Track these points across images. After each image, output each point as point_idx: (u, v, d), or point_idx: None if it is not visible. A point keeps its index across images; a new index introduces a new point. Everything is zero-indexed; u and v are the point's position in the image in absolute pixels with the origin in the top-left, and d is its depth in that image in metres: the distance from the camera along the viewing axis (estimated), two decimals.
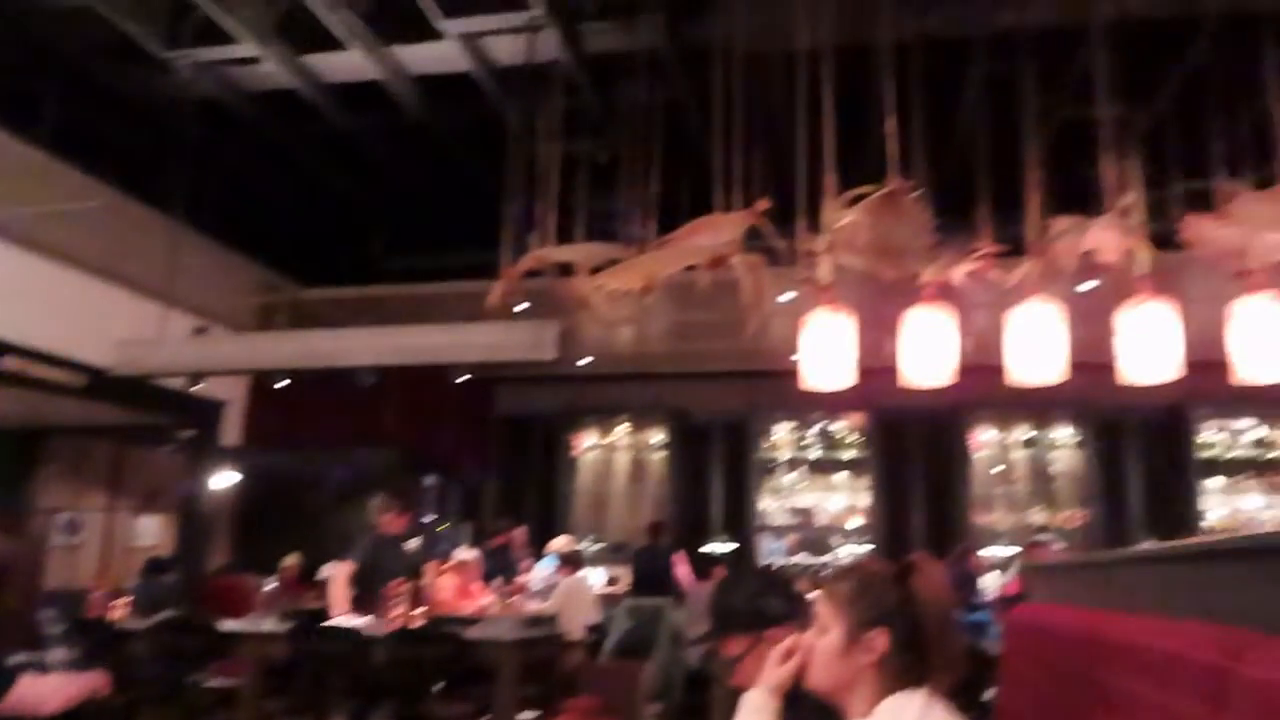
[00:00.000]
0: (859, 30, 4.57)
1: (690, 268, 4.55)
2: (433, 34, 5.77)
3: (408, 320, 7.79)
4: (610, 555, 9.16)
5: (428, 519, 8.79)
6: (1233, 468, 8.89)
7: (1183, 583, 1.73)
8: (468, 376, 7.71)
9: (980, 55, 4.97)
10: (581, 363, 8.41)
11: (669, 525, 8.10)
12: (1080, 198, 4.81)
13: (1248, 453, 8.89)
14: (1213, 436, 8.87)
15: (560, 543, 7.35)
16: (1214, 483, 8.85)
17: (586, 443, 9.82)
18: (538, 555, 7.71)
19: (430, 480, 9.22)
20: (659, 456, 9.64)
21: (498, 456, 9.72)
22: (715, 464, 9.47)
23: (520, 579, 7.17)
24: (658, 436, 9.67)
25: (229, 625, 5.43)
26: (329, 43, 5.99)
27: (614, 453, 9.82)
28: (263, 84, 6.76)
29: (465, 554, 6.61)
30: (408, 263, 10.03)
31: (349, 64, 6.25)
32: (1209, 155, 4.81)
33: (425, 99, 6.80)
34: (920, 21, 4.64)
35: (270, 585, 7.21)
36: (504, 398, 9.79)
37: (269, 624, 5.41)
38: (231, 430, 9.11)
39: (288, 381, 8.18)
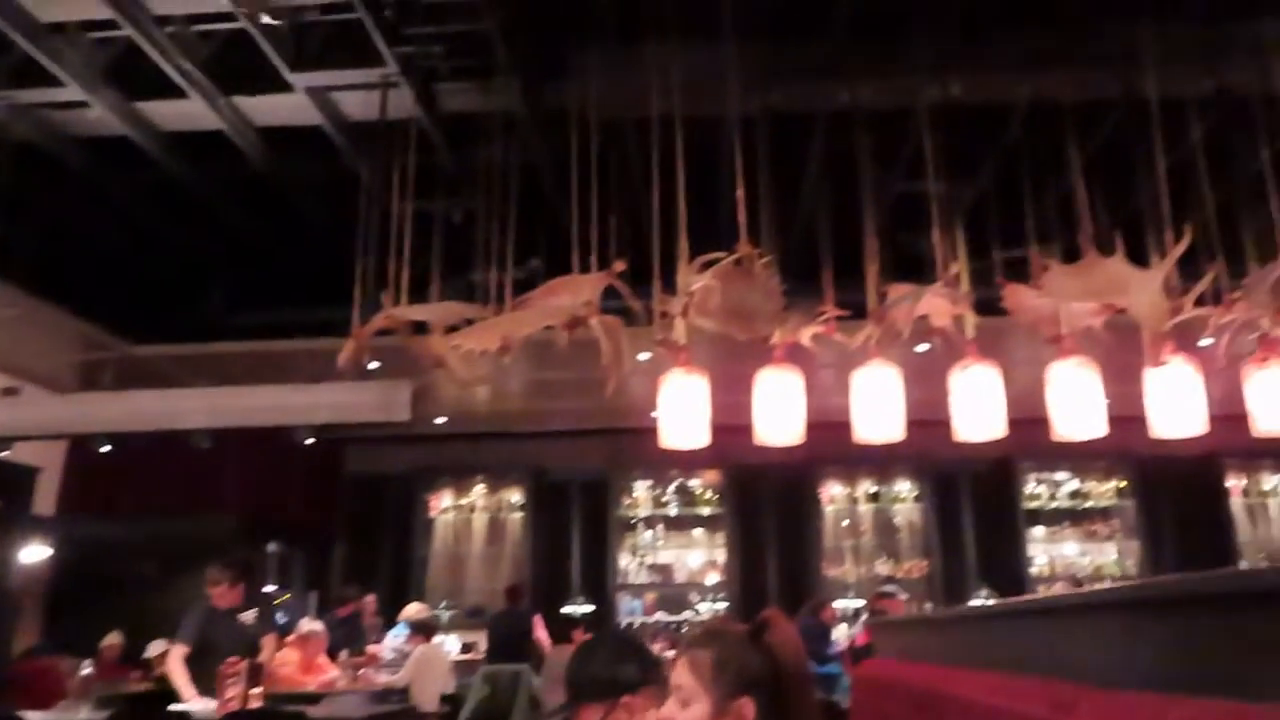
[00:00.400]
0: (708, 102, 4.75)
1: (548, 327, 4.58)
2: (281, 86, 5.66)
3: (250, 379, 7.49)
4: (467, 620, 8.96)
5: (269, 588, 8.39)
6: (1053, 518, 9.49)
7: (1019, 639, 1.82)
8: (312, 440, 7.44)
9: (821, 131, 5.23)
10: (438, 421, 8.27)
11: (527, 588, 8.01)
12: (915, 266, 5.11)
13: (1066, 504, 9.51)
14: (1036, 489, 9.46)
15: (412, 610, 7.15)
16: (1037, 532, 9.41)
17: (442, 503, 9.63)
18: (389, 623, 7.47)
19: (273, 547, 8.82)
20: (517, 516, 9.54)
21: (347, 520, 9.41)
22: (574, 523, 9.46)
23: (370, 649, 6.91)
24: (516, 496, 9.58)
25: (36, 717, 4.96)
26: (167, 90, 5.78)
27: (471, 514, 9.67)
28: (91, 129, 6.43)
29: (310, 625, 6.34)
30: (251, 319, 9.67)
31: (188, 112, 6.03)
32: (1024, 228, 5.20)
33: (272, 150, 6.63)
34: (764, 97, 4.85)
35: (86, 669, 6.68)
36: (355, 458, 9.52)
37: (84, 712, 4.99)
38: (45, 499, 8.48)
39: (109, 447, 7.68)
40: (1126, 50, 4.69)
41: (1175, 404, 4.89)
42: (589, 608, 8.85)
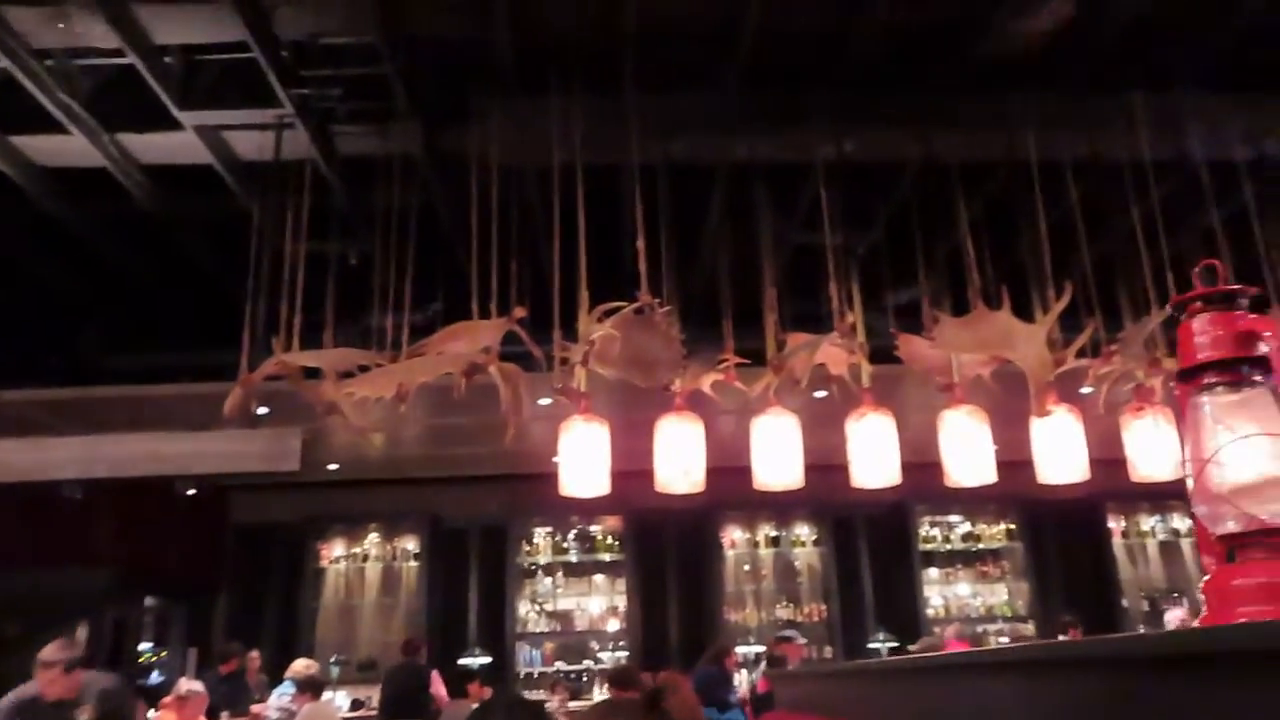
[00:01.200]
0: (609, 151, 4.77)
1: (446, 373, 4.49)
2: (170, 123, 5.46)
3: (128, 425, 7.12)
4: (359, 675, 8.64)
5: (144, 645, 7.95)
6: (947, 560, 9.71)
7: (914, 695, 1.83)
8: (193, 491, 7.10)
9: (721, 182, 5.30)
10: (330, 467, 8.01)
11: (423, 640, 7.77)
12: (814, 315, 5.19)
13: (959, 546, 9.75)
14: (930, 531, 9.67)
15: (299, 666, 6.84)
16: (932, 573, 9.61)
17: (334, 553, 9.31)
18: (275, 681, 7.14)
19: (150, 601, 8.37)
20: (413, 565, 9.29)
21: (232, 571, 9.00)
22: (472, 571, 9.26)
23: (254, 709, 6.59)
24: (411, 544, 9.33)
25: None
26: (46, 124, 5.52)
27: (364, 563, 9.37)
28: None
29: (189, 684, 6.01)
30: (128, 362, 9.23)
31: (67, 148, 5.77)
32: (917, 281, 5.35)
33: (159, 189, 6.38)
34: (665, 148, 4.90)
35: None
36: (241, 506, 9.14)
37: None
38: None
39: None
40: (1010, 115, 4.89)
41: (1059, 451, 5.06)
42: (486, 659, 8.64)
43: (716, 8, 4.37)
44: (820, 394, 6.03)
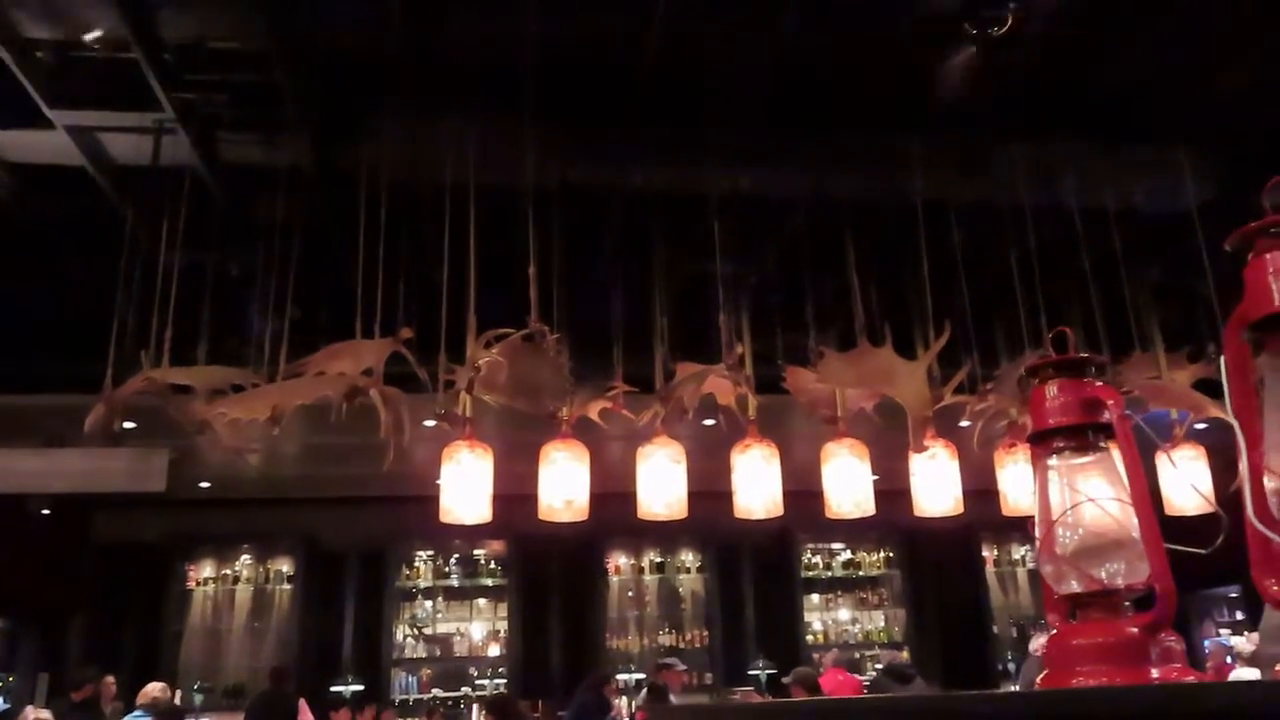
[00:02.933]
0: (504, 174, 4.73)
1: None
2: (41, 122, 5.19)
3: None
4: (224, 703, 8.27)
5: None
6: (828, 586, 9.89)
7: None
8: (47, 511, 6.70)
9: (616, 211, 5.31)
10: (202, 485, 7.69)
11: (294, 667, 7.48)
12: (704, 345, 5.24)
13: (840, 573, 9.95)
14: (812, 559, 9.84)
15: (152, 691, 6.47)
16: (813, 600, 9.77)
17: (203, 574, 8.92)
18: (130, 707, 6.77)
19: None
20: (286, 589, 8.97)
21: (90, 593, 8.52)
22: (349, 595, 8.98)
23: None
24: (285, 566, 9.01)
25: None
26: None
27: (234, 585, 9.00)
28: None
29: (37, 713, 5.66)
30: None
31: None
32: (806, 314, 5.45)
33: (24, 188, 6.05)
34: (561, 173, 4.88)
35: None
36: (104, 524, 8.67)
37: None
38: None
39: None
40: (899, 157, 5.04)
41: (935, 483, 5.22)
42: (359, 687, 8.38)
43: (618, 37, 4.39)
44: (709, 423, 6.09)
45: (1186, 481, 4.98)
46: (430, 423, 5.50)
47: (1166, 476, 5.29)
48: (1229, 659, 8.24)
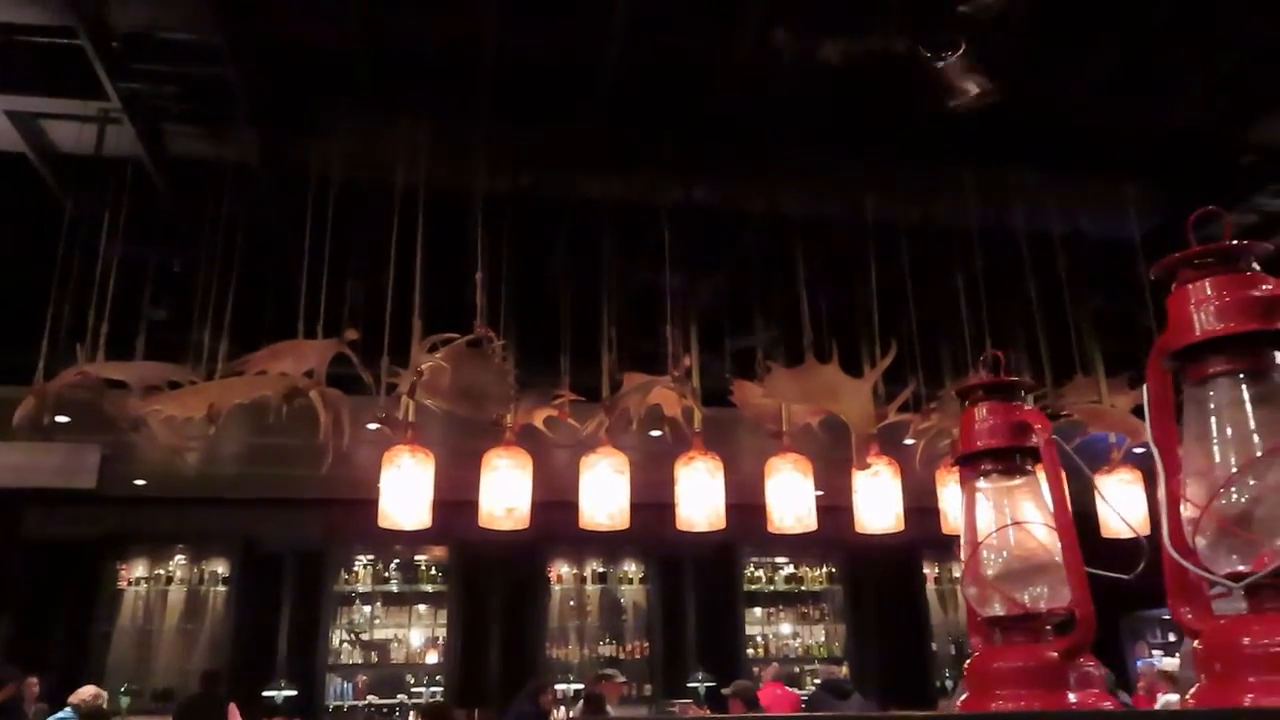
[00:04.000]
0: (455, 177, 4.69)
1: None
2: None
3: None
4: (153, 705, 8.08)
5: None
6: (770, 600, 9.93)
7: None
8: None
9: (568, 218, 5.29)
10: (137, 483, 7.51)
11: (226, 671, 7.33)
12: (653, 356, 5.23)
13: (783, 587, 9.99)
14: (756, 572, 9.87)
15: (85, 694, 6.33)
16: (756, 613, 9.80)
17: (135, 574, 8.71)
18: (54, 709, 6.58)
19: None
20: (221, 590, 8.78)
21: (16, 590, 8.27)
22: (285, 598, 8.81)
23: None
24: (221, 568, 8.83)
25: None
26: None
27: (168, 586, 8.79)
28: None
29: None
30: None
31: None
32: (754, 328, 5.48)
33: None
34: (514, 179, 4.86)
35: None
36: (34, 520, 8.43)
37: None
38: None
39: None
40: (852, 176, 5.09)
41: (878, 501, 5.26)
42: (292, 692, 8.23)
43: (577, 44, 4.38)
44: (655, 434, 6.08)
45: (1114, 506, 5.07)
46: (373, 426, 5.42)
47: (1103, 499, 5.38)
48: (1159, 680, 8.41)
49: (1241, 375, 0.74)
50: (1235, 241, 0.74)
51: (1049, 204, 5.47)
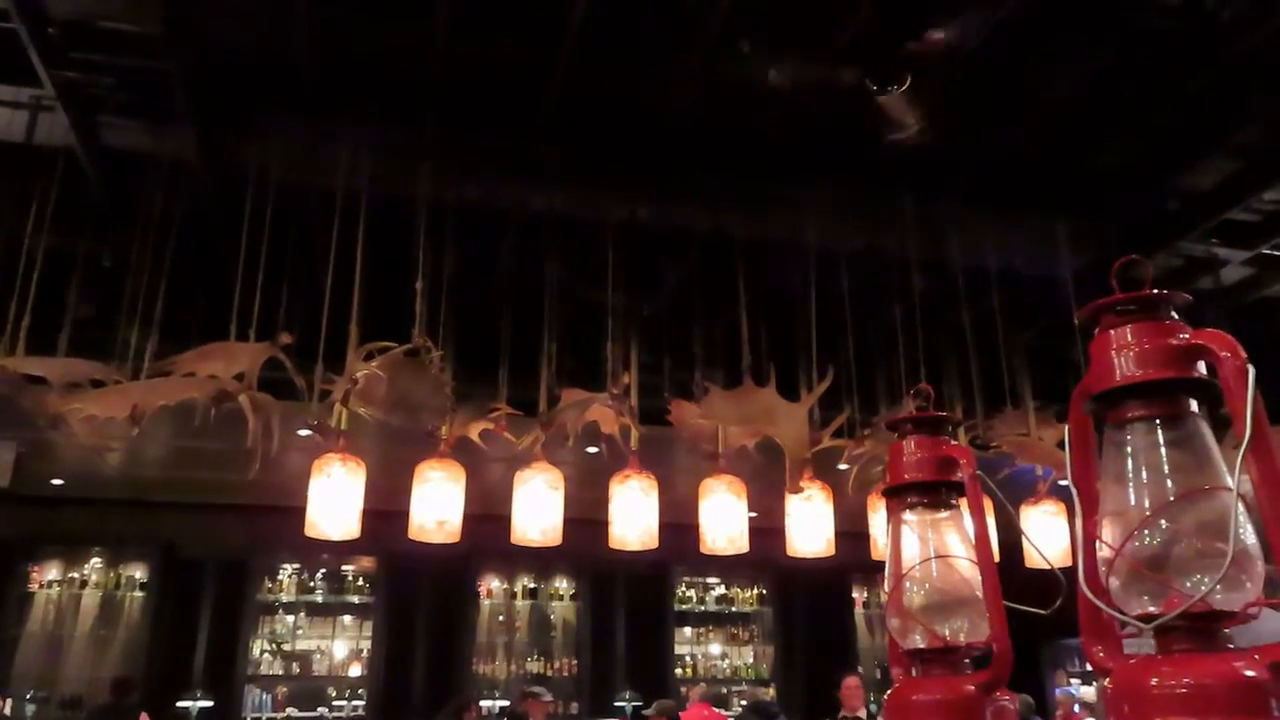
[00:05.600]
0: (398, 185, 4.65)
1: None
2: None
3: None
4: (60, 714, 7.80)
5: None
6: (700, 620, 9.94)
7: None
8: None
9: (512, 231, 5.26)
10: (54, 483, 7.27)
11: (139, 680, 7.11)
12: (593, 372, 5.22)
13: (713, 608, 10.01)
14: (687, 592, 9.88)
15: None
16: (686, 633, 9.80)
17: (47, 576, 8.42)
18: None
19: None
20: (138, 596, 8.53)
21: None
22: (205, 606, 8.57)
23: None
24: (139, 573, 8.57)
25: None
26: None
27: (81, 590, 8.51)
28: None
29: None
30: None
31: None
32: (694, 349, 5.50)
33: None
34: (459, 188, 4.82)
35: None
36: None
37: None
38: None
39: None
40: (796, 202, 5.15)
41: (809, 524, 5.30)
42: (208, 703, 8.01)
43: (527, 58, 4.37)
44: (592, 450, 6.07)
45: (1035, 539, 5.18)
46: (304, 432, 5.33)
47: (1029, 531, 5.50)
48: (1076, 708, 8.59)
49: (1158, 420, 0.76)
50: (1156, 291, 0.76)
51: (985, 238, 5.59)
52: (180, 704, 7.76)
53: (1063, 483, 5.77)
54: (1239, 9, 3.99)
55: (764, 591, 10.04)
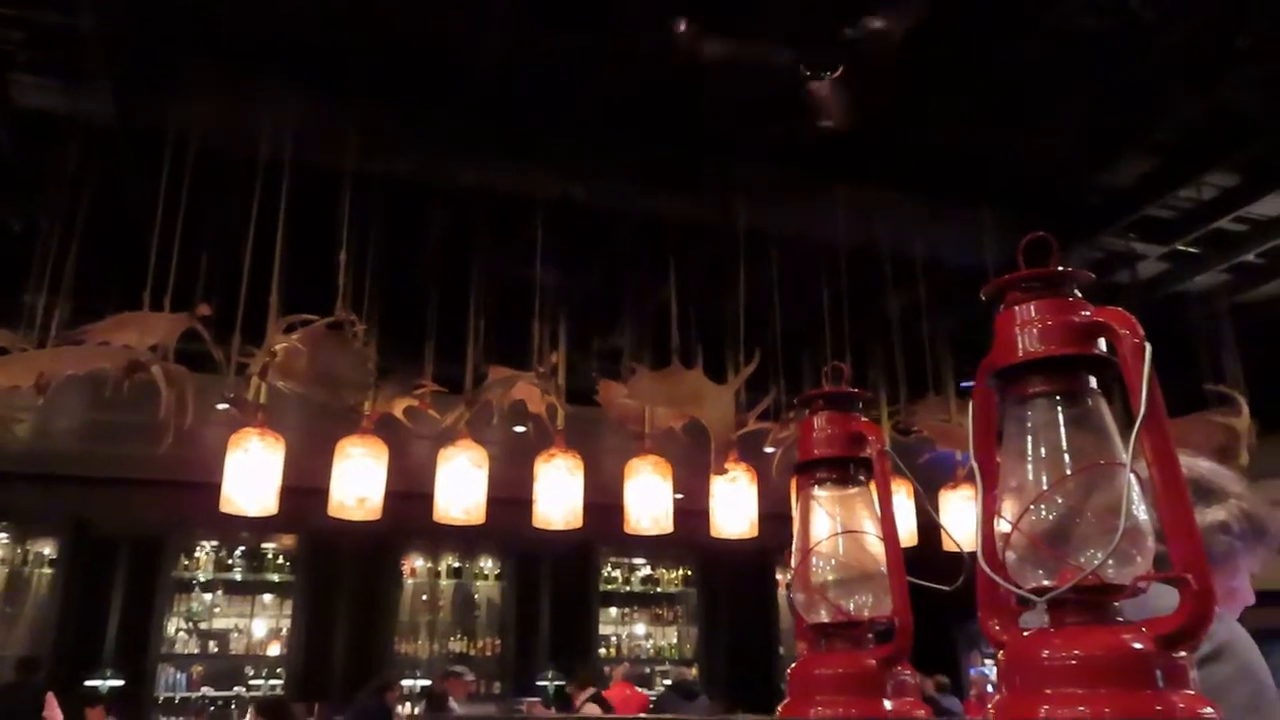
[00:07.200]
0: (325, 152, 4.53)
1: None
2: None
3: None
4: None
5: None
6: (625, 600, 9.98)
7: None
8: None
9: (441, 204, 5.18)
10: None
11: (45, 661, 6.89)
12: (519, 350, 5.18)
13: (639, 588, 10.06)
14: (612, 572, 9.91)
15: None
16: (611, 613, 9.84)
17: None
18: None
19: None
20: (47, 572, 8.26)
21: None
22: (118, 583, 8.34)
23: None
24: (48, 549, 8.30)
25: None
26: None
27: None
28: None
29: None
30: None
31: None
32: (623, 329, 5.49)
33: None
34: (386, 159, 4.72)
35: None
36: None
37: None
38: None
39: None
40: (728, 183, 5.15)
41: (734, 506, 5.34)
42: (119, 682, 7.81)
43: (460, 30, 4.29)
44: (519, 429, 6.03)
45: (943, 519, 5.30)
46: (222, 406, 5.19)
47: (947, 514, 5.61)
48: (989, 687, 8.84)
49: (1058, 397, 0.77)
50: (1060, 268, 0.77)
51: (912, 226, 5.66)
52: (89, 683, 7.54)
53: None
54: (1163, 7, 4.08)
55: (689, 572, 10.11)
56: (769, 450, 5.51)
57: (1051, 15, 4.21)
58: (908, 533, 5.22)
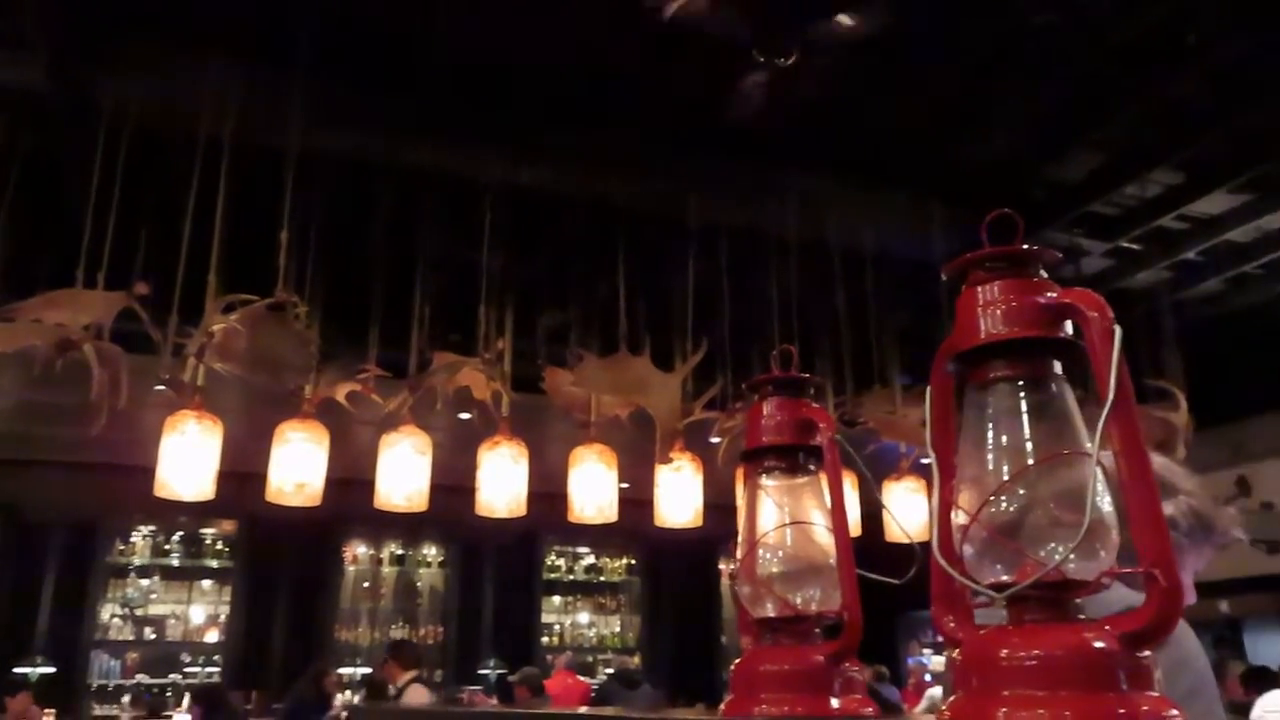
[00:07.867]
0: (267, 131, 4.40)
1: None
2: None
3: None
4: None
5: None
6: (569, 589, 9.95)
7: None
8: None
9: (387, 186, 5.07)
10: None
11: None
12: (464, 336, 5.10)
13: (582, 577, 10.03)
14: (556, 561, 9.86)
15: None
16: (554, 601, 9.80)
17: None
18: None
19: None
20: None
21: None
22: (50, 569, 8.09)
23: None
24: None
25: None
26: None
27: None
28: None
29: None
30: None
31: None
32: (570, 316, 5.44)
33: None
34: (331, 140, 4.61)
35: None
36: None
37: None
38: None
39: None
40: (678, 173, 5.11)
41: (678, 495, 5.32)
42: (49, 669, 7.58)
43: (409, 9, 4.19)
44: (464, 416, 5.94)
45: (893, 511, 5.33)
46: (159, 388, 5.05)
47: (891, 504, 5.65)
48: (927, 677, 8.96)
49: (1021, 382, 0.73)
50: (1026, 246, 0.74)
51: (861, 219, 5.68)
52: (18, 670, 7.31)
53: (925, 460, 5.96)
54: (1114, 4, 4.12)
55: (633, 561, 10.10)
56: (714, 440, 5.50)
57: (1005, 10, 4.23)
58: (853, 523, 5.25)
